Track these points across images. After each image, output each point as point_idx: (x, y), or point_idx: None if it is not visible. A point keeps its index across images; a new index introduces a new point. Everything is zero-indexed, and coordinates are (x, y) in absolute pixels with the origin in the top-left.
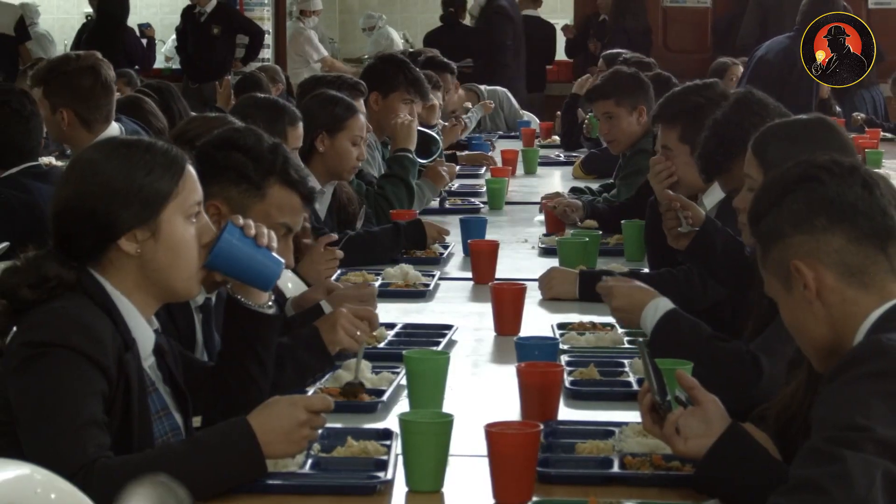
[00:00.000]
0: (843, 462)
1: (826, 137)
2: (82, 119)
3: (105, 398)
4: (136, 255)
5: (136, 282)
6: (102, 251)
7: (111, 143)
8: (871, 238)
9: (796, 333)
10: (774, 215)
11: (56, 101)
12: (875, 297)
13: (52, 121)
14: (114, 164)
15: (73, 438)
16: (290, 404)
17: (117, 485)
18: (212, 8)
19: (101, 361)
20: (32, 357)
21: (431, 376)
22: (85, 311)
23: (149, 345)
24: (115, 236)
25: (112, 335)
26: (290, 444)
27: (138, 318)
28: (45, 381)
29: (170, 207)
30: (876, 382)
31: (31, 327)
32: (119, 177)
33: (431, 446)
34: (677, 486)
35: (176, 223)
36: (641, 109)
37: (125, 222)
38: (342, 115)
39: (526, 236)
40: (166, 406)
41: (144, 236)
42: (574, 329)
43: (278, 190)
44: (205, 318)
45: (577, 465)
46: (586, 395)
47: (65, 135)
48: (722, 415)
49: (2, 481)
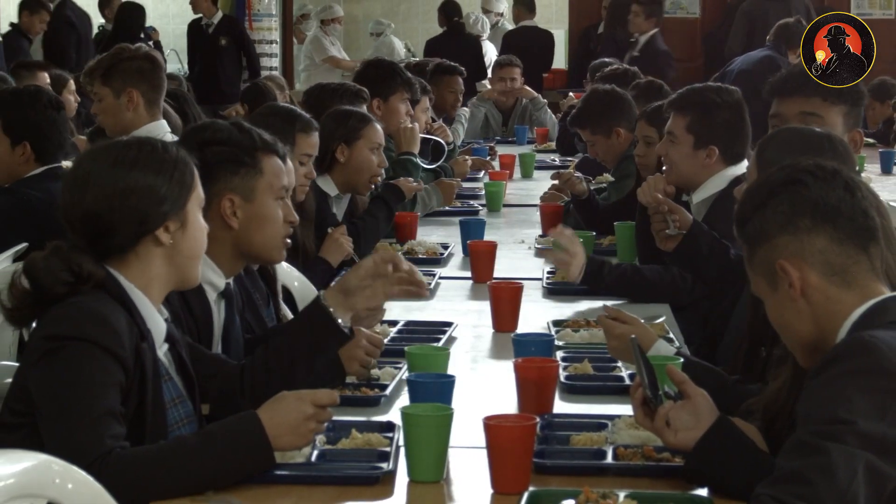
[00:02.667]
0: (826, 454)
1: (826, 147)
2: (147, 99)
3: (122, 389)
4: (168, 246)
5: (157, 273)
6: (135, 245)
7: (135, 141)
8: (853, 238)
9: (782, 331)
10: (760, 217)
11: (120, 84)
12: (857, 296)
13: (114, 106)
14: (147, 160)
15: (90, 429)
16: (297, 399)
17: (131, 475)
18: (218, 20)
19: (119, 353)
20: (52, 350)
21: (433, 371)
22: (102, 305)
23: (161, 334)
24: (152, 228)
25: (129, 326)
26: (298, 437)
27: (151, 308)
28: (65, 374)
29: (192, 199)
30: (858, 378)
31: (50, 321)
32: (154, 171)
33: (432, 438)
34: (668, 476)
35: (197, 213)
36: (617, 131)
37: (162, 215)
38: (357, 126)
39: (523, 237)
40: (181, 394)
41: (175, 227)
42: (569, 326)
43: (267, 160)
44: (227, 303)
45: (572, 456)
46: (580, 390)
47: (124, 119)
48: (711, 408)
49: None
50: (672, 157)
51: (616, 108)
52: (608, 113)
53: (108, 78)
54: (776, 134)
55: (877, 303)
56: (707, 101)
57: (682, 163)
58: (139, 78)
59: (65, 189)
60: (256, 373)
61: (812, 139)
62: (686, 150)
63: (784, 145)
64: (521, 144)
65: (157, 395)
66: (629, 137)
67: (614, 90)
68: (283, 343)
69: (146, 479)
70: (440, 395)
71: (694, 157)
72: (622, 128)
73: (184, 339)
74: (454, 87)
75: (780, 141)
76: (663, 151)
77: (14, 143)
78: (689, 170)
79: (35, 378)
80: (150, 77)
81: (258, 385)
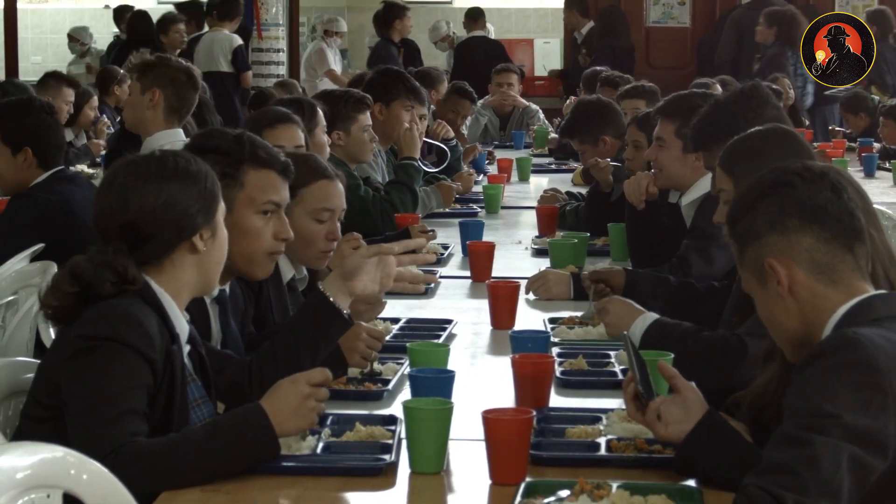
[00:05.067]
0: (812, 446)
1: (786, 146)
2: (169, 105)
3: (149, 390)
4: (202, 253)
5: (188, 279)
6: (171, 252)
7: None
8: (839, 238)
9: (770, 326)
10: (750, 217)
11: (149, 83)
12: (842, 294)
13: (138, 100)
14: (183, 173)
15: (110, 425)
16: (292, 382)
17: (143, 466)
18: None
19: (149, 355)
20: (87, 349)
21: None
22: (137, 308)
23: (185, 336)
24: (188, 236)
25: (160, 330)
26: (300, 419)
27: (178, 312)
28: (94, 372)
29: (219, 208)
30: (843, 373)
31: (86, 321)
32: (189, 183)
33: (433, 431)
34: (659, 467)
35: (222, 223)
36: (604, 139)
37: (198, 223)
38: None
39: (520, 238)
40: (204, 394)
41: (207, 235)
42: (564, 323)
43: (254, 173)
44: (221, 308)
45: (567, 448)
46: (575, 384)
47: (143, 116)
48: (700, 403)
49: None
50: (662, 162)
51: (602, 117)
52: (594, 123)
53: (143, 75)
54: (731, 149)
55: (861, 300)
56: (694, 105)
57: (672, 166)
58: (168, 83)
59: (100, 199)
60: (264, 365)
61: (770, 138)
62: (676, 154)
63: (750, 156)
64: (519, 149)
65: (183, 395)
66: (616, 145)
67: (599, 100)
68: (287, 334)
69: (157, 470)
70: (440, 389)
71: (683, 161)
72: (609, 136)
73: (202, 340)
74: (462, 111)
75: (746, 154)
76: (653, 156)
77: (15, 151)
78: (678, 173)
79: (67, 374)
80: (179, 87)
81: (266, 377)
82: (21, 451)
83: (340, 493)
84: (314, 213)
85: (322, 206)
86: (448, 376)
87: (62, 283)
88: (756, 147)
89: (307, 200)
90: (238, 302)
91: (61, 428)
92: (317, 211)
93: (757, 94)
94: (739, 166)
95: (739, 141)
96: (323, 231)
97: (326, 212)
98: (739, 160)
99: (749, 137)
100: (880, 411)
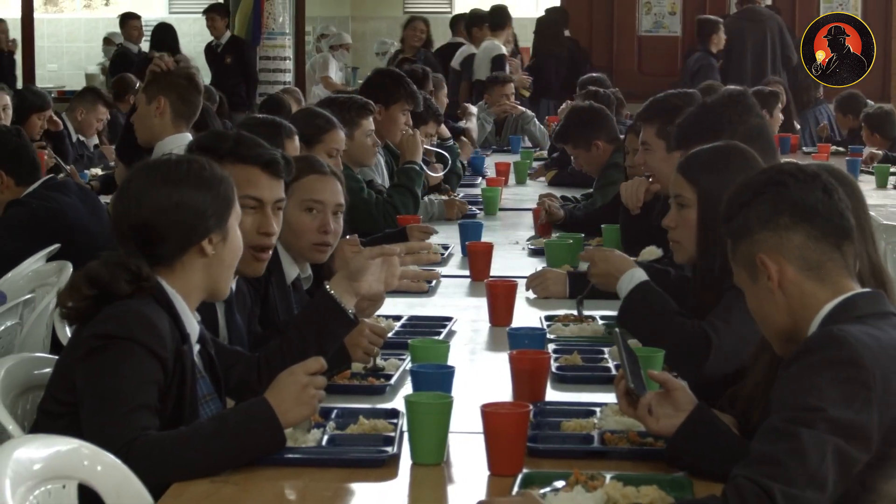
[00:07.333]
0: (798, 439)
1: (748, 164)
2: (175, 110)
3: (160, 387)
4: (211, 256)
5: (198, 282)
6: (181, 255)
7: (185, 159)
8: (828, 237)
9: (760, 319)
10: (744, 214)
11: (153, 92)
12: (829, 291)
13: (145, 111)
14: (196, 177)
15: (122, 419)
16: (290, 374)
17: (154, 458)
18: (226, 39)
19: (160, 354)
20: (100, 347)
21: (434, 362)
22: (149, 309)
23: (195, 335)
24: (198, 240)
25: (171, 330)
26: (302, 406)
27: (188, 313)
28: (108, 369)
29: (233, 213)
30: (828, 369)
31: (101, 321)
32: (202, 188)
33: (433, 424)
34: (651, 459)
35: (235, 227)
36: (596, 143)
37: (209, 227)
38: (323, 128)
39: (517, 239)
40: (213, 391)
41: (218, 239)
42: (560, 321)
43: (233, 169)
44: (227, 305)
45: (563, 440)
46: (570, 379)
47: (152, 126)
48: (689, 398)
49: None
50: (651, 165)
51: (593, 122)
52: (586, 128)
53: (147, 87)
54: (693, 159)
55: (846, 298)
56: (670, 105)
57: (660, 167)
58: (171, 89)
59: (117, 201)
60: (271, 362)
61: (731, 156)
62: (661, 155)
63: (715, 171)
64: (516, 153)
65: (193, 392)
66: (609, 149)
67: (592, 106)
68: (294, 332)
69: (167, 462)
70: (441, 384)
71: (669, 160)
72: (601, 140)
73: (212, 339)
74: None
75: (710, 168)
76: (641, 161)
77: None
78: (668, 172)
79: (81, 371)
80: (183, 92)
81: (274, 373)
82: (38, 444)
83: (345, 484)
84: (302, 204)
85: (310, 196)
86: (448, 371)
87: (79, 285)
88: (720, 163)
89: (297, 193)
90: (245, 301)
91: (76, 424)
92: (305, 202)
93: (744, 100)
94: (705, 178)
95: (703, 153)
96: (314, 223)
97: (315, 203)
98: (704, 173)
99: (713, 152)
100: (864, 406)
